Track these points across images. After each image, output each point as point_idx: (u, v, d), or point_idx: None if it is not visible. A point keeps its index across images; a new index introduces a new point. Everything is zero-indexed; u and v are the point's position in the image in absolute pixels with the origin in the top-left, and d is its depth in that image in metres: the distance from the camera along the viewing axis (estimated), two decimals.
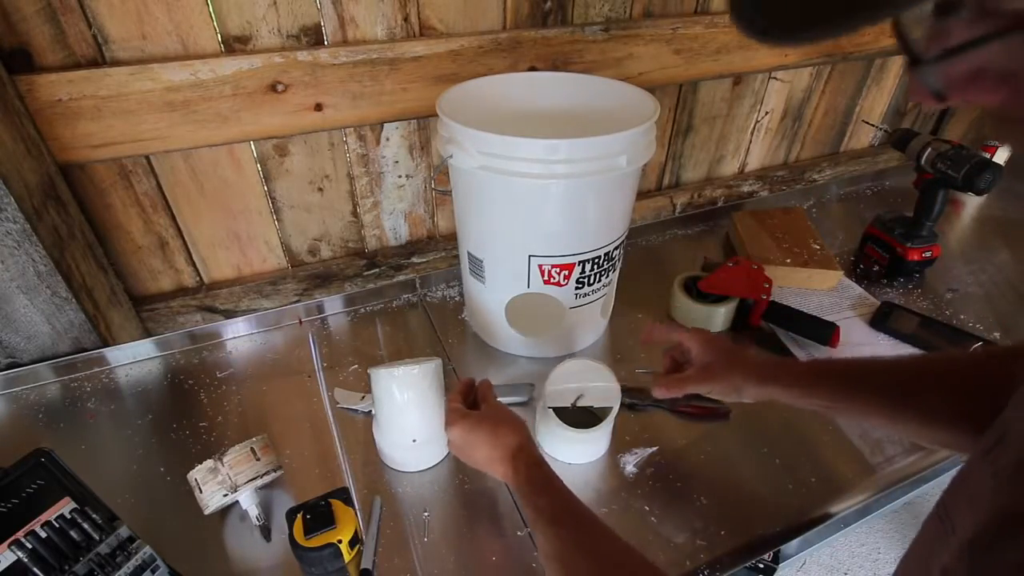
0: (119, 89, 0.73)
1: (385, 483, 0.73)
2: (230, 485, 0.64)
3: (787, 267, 1.04)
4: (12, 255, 0.73)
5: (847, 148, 1.48)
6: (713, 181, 1.32)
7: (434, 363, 0.71)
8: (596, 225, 0.79)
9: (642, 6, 0.99)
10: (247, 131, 0.83)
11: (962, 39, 0.23)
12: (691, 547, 0.65)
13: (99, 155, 0.78)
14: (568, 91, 0.89)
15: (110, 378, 0.88)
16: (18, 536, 0.50)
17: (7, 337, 0.82)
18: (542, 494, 0.55)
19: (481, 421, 0.63)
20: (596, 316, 0.91)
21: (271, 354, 0.93)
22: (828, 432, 0.80)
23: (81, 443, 0.78)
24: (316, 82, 0.82)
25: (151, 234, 0.88)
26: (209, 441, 0.78)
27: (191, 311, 0.95)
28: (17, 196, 0.69)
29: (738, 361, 0.66)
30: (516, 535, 0.67)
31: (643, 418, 0.81)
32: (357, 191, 0.97)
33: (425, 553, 0.65)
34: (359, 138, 0.91)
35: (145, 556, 0.56)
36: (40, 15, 0.68)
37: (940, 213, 1.06)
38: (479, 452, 0.62)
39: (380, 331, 0.98)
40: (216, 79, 0.77)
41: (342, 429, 0.80)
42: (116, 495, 0.67)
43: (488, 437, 0.62)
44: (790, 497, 0.71)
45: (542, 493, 0.55)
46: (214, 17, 0.75)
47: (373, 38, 0.84)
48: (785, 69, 1.21)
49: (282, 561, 0.64)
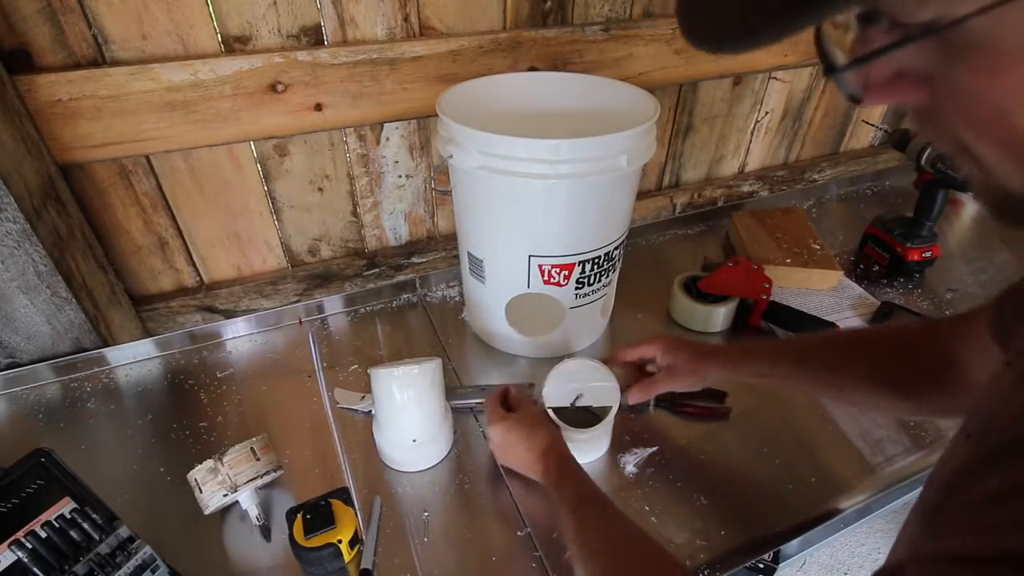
0: (119, 89, 0.73)
1: (385, 483, 0.73)
2: (230, 485, 0.64)
3: (787, 267, 1.04)
4: (12, 255, 0.73)
5: (847, 148, 1.48)
6: (713, 181, 1.32)
7: (434, 363, 0.71)
8: (596, 225, 0.79)
9: (642, 6, 0.99)
10: (247, 131, 0.83)
11: (880, 44, 0.25)
12: (691, 547, 0.65)
13: (99, 155, 0.78)
14: (568, 91, 0.89)
15: (110, 378, 0.88)
16: (18, 536, 0.50)
17: (7, 337, 0.82)
18: (567, 485, 0.60)
19: (519, 422, 0.68)
20: (596, 316, 0.91)
21: (271, 354, 0.93)
22: (828, 432, 0.80)
23: (81, 443, 0.78)
24: (316, 82, 0.82)
25: (151, 234, 0.88)
26: (209, 441, 0.78)
27: (191, 311, 0.95)
28: (17, 196, 0.69)
29: (699, 355, 0.73)
30: (516, 535, 0.67)
31: (643, 418, 0.81)
32: (357, 191, 0.97)
33: (425, 553, 0.65)
34: (359, 138, 0.91)
35: (145, 556, 0.56)
36: (40, 15, 0.68)
37: (940, 213, 1.06)
38: (515, 451, 0.68)
39: (380, 331, 0.98)
40: (216, 79, 0.77)
41: (342, 429, 0.80)
42: (116, 495, 0.67)
43: (523, 438, 0.67)
44: (790, 497, 0.71)
45: (567, 484, 0.60)
46: (214, 17, 0.75)
47: (373, 38, 0.84)
48: (785, 69, 1.21)
49: (282, 561, 0.64)
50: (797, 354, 0.67)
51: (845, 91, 0.29)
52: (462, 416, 0.81)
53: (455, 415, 0.79)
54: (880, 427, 0.80)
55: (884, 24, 0.26)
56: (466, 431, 0.80)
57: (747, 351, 0.72)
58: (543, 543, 0.65)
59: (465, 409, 0.82)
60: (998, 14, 0.22)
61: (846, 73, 0.28)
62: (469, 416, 0.82)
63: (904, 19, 0.24)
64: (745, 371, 0.71)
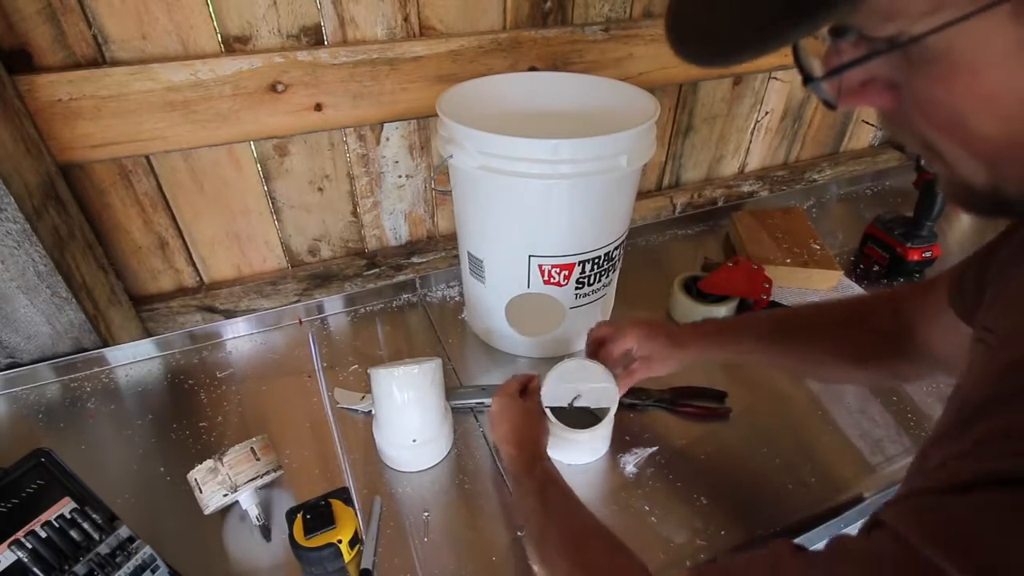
0: (119, 89, 0.73)
1: (385, 483, 0.73)
2: (230, 485, 0.64)
3: (787, 267, 1.04)
4: (12, 255, 0.73)
5: (847, 148, 1.48)
6: (713, 181, 1.32)
7: (434, 363, 0.71)
8: (596, 225, 0.79)
9: (642, 6, 0.99)
10: (247, 131, 0.83)
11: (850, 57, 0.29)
12: (691, 547, 0.65)
13: (99, 155, 0.78)
14: (568, 91, 0.89)
15: (110, 378, 0.88)
16: (18, 536, 0.50)
17: (7, 337, 0.82)
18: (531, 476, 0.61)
19: (521, 407, 0.70)
20: (596, 316, 0.91)
21: (271, 354, 0.93)
22: (828, 432, 0.80)
23: (81, 443, 0.78)
24: (316, 82, 0.82)
25: (151, 234, 0.88)
26: (209, 441, 0.78)
27: (191, 311, 0.95)
28: (17, 196, 0.69)
29: (673, 344, 0.73)
30: (516, 535, 0.67)
31: (643, 418, 0.81)
32: (357, 191, 0.97)
33: (425, 553, 0.65)
34: (359, 138, 0.91)
35: (145, 556, 0.56)
36: (40, 15, 0.68)
37: (940, 213, 1.06)
38: (502, 428, 0.69)
39: (380, 331, 0.98)
40: (216, 79, 0.77)
41: (342, 429, 0.80)
42: (116, 495, 0.67)
43: (516, 420, 0.69)
44: (790, 497, 0.71)
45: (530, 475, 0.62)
46: (214, 17, 0.75)
47: (373, 38, 0.84)
48: (785, 69, 1.21)
49: (282, 561, 0.64)
50: (771, 333, 0.69)
51: (821, 97, 0.32)
52: (462, 416, 0.81)
53: (455, 415, 0.79)
54: (880, 427, 0.80)
55: (853, 37, 0.29)
56: (466, 431, 0.80)
57: (721, 332, 0.73)
58: None
59: (465, 409, 0.82)
60: (952, 32, 0.25)
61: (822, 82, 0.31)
62: (469, 416, 0.82)
63: (870, 34, 0.28)
64: (718, 354, 0.73)
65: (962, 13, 0.24)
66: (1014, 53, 0.25)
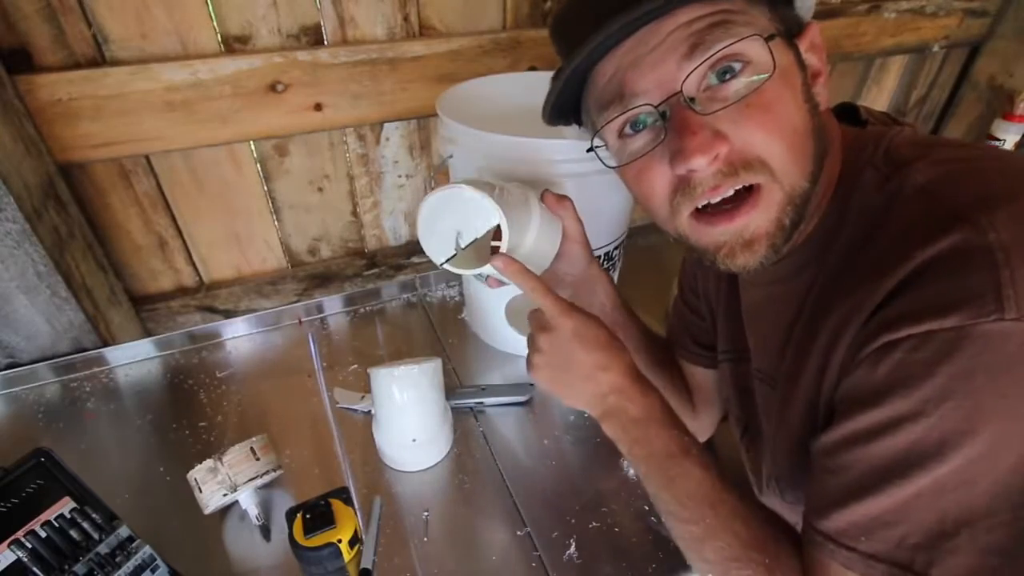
0: (119, 89, 0.73)
1: (385, 483, 0.73)
2: (230, 485, 0.64)
3: None
4: (12, 255, 0.73)
5: None
6: None
7: (434, 363, 0.71)
8: (596, 225, 0.78)
9: None
10: (247, 131, 0.83)
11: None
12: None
13: (99, 155, 0.78)
14: None
15: (110, 378, 0.88)
16: (18, 536, 0.50)
17: (7, 337, 0.82)
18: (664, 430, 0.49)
19: (599, 326, 0.50)
20: None
21: (271, 354, 0.93)
22: None
23: (81, 443, 0.78)
24: (316, 82, 0.82)
25: (151, 234, 0.88)
26: (209, 441, 0.78)
27: (191, 311, 0.95)
28: (17, 196, 0.69)
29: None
30: (516, 535, 0.67)
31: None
32: (357, 191, 0.97)
33: (425, 553, 0.65)
34: (359, 138, 0.91)
35: (145, 556, 0.56)
36: (40, 15, 0.68)
37: None
38: (587, 359, 0.49)
39: (380, 331, 0.98)
40: (216, 79, 0.77)
41: (342, 429, 0.80)
42: (116, 495, 0.67)
43: (604, 344, 0.49)
44: None
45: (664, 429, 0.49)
46: (214, 17, 0.75)
47: (373, 38, 0.84)
48: None
49: (282, 561, 0.64)
50: (649, 353, 0.72)
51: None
52: (462, 416, 0.81)
53: (455, 415, 0.79)
54: None
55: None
56: (466, 431, 0.80)
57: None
58: (543, 543, 0.65)
59: (465, 409, 0.82)
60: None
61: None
62: (469, 416, 0.82)
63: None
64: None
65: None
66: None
